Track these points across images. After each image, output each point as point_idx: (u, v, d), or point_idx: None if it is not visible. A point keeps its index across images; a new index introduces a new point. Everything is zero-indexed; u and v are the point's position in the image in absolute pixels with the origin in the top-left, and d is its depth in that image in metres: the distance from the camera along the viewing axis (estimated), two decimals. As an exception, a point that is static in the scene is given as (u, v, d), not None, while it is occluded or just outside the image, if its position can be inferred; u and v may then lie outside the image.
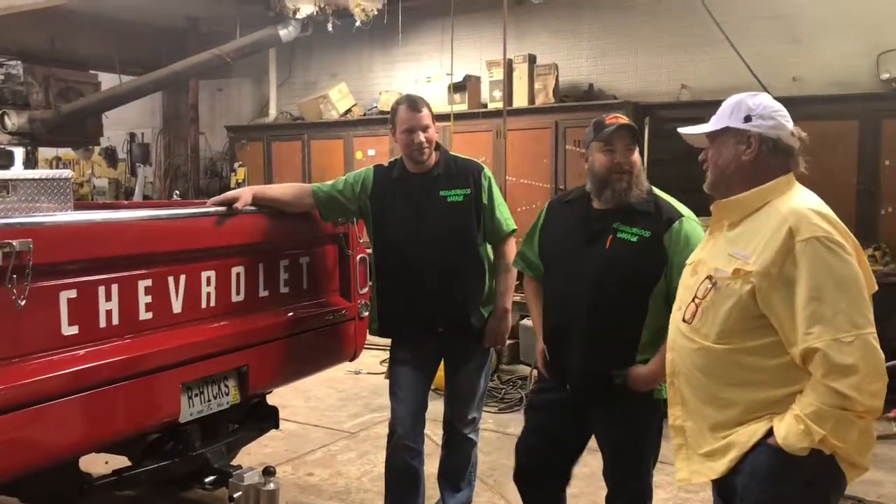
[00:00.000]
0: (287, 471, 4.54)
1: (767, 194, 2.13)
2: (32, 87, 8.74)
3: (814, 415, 1.92)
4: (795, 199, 2.09)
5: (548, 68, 7.72)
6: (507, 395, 6.04)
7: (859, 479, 4.55)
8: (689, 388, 2.20)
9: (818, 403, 1.92)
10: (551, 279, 2.98)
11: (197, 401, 3.13)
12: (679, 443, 2.24)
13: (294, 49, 9.63)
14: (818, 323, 1.91)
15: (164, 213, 3.23)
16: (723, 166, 2.21)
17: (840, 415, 1.91)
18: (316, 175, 8.76)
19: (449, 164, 3.45)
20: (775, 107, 2.18)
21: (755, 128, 2.14)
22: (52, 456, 2.63)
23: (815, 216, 2.01)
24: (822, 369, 1.91)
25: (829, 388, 1.90)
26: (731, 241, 2.16)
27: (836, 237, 1.98)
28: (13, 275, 2.40)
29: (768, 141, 2.14)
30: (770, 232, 2.03)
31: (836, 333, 1.90)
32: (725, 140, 2.20)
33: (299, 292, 3.62)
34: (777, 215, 2.06)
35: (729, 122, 2.18)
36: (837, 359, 1.89)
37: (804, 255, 1.96)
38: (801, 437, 1.94)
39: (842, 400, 1.89)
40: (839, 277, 1.94)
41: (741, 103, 2.18)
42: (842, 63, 6.86)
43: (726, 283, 2.09)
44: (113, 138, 10.62)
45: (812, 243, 1.96)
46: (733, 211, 2.19)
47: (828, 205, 2.11)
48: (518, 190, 7.42)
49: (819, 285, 1.93)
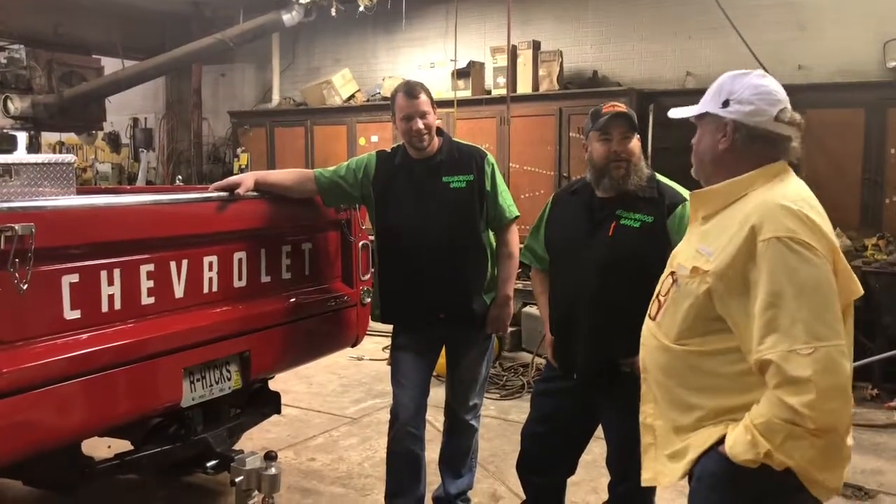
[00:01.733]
0: (289, 456, 4.55)
1: (744, 186, 1.96)
2: (35, 72, 8.73)
3: (763, 426, 1.76)
4: (770, 192, 1.90)
5: (552, 55, 7.68)
6: (508, 382, 6.05)
7: (860, 469, 4.55)
8: (656, 387, 2.08)
9: (769, 415, 1.75)
10: (557, 269, 2.98)
11: (199, 385, 3.13)
12: (648, 442, 2.12)
13: (297, 34, 9.59)
14: (774, 332, 1.75)
15: (167, 199, 3.23)
16: (701, 154, 2.07)
17: (791, 430, 1.73)
18: (319, 161, 8.74)
19: (452, 150, 3.44)
20: (761, 89, 1.97)
21: (731, 114, 1.97)
22: (55, 439, 2.64)
23: (783, 213, 1.81)
24: (774, 381, 1.74)
25: (780, 402, 1.73)
26: (701, 235, 2.01)
27: (801, 237, 1.78)
28: (15, 259, 2.40)
29: (742, 128, 1.96)
30: (735, 229, 1.87)
31: (793, 344, 1.72)
32: (706, 126, 2.05)
33: (301, 278, 3.62)
34: (745, 211, 1.88)
35: (709, 106, 2.03)
36: (791, 372, 1.71)
37: (764, 257, 1.78)
38: (747, 448, 1.79)
39: (793, 415, 1.72)
40: (801, 283, 1.75)
41: (722, 86, 2.01)
42: (848, 51, 6.82)
43: (685, 281, 1.96)
44: (116, 123, 10.62)
45: (773, 244, 1.78)
46: (707, 203, 2.04)
47: (833, 194, 1.94)
48: (521, 177, 7.40)
49: (778, 291, 1.75)
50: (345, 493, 4.11)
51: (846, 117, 6.55)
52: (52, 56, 8.84)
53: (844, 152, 6.51)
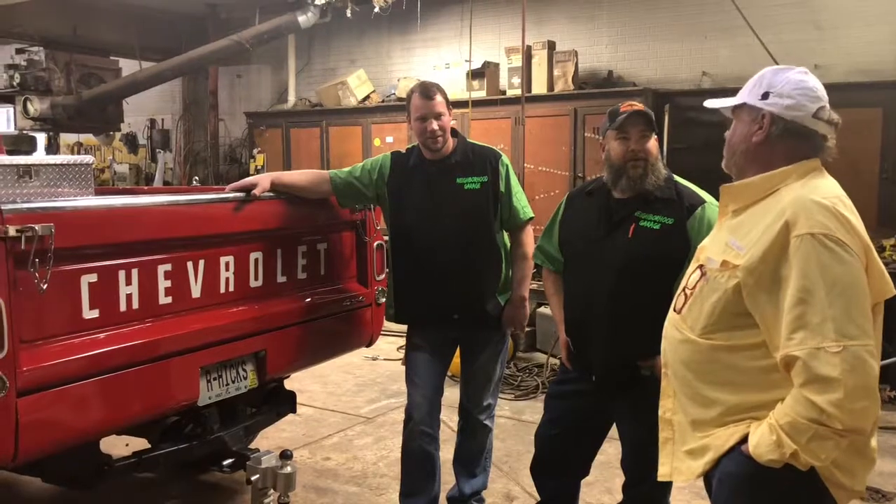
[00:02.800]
0: (304, 455, 4.58)
1: (777, 181, 1.94)
2: (54, 73, 8.82)
3: (789, 426, 1.74)
4: (804, 188, 1.88)
5: (567, 55, 7.67)
6: (523, 383, 6.04)
7: (878, 471, 4.51)
8: (677, 381, 2.06)
9: (794, 415, 1.74)
10: (573, 270, 2.96)
11: (215, 384, 3.16)
12: (666, 437, 2.10)
13: (313, 35, 9.63)
14: (802, 328, 1.73)
15: (184, 199, 3.25)
16: (734, 145, 2.04)
17: (817, 430, 1.71)
18: (334, 162, 8.78)
19: (466, 151, 3.44)
20: (803, 85, 1.95)
21: (770, 106, 1.95)
22: (74, 437, 2.67)
23: (818, 209, 1.80)
24: (801, 378, 1.73)
25: (807, 400, 1.71)
26: (731, 229, 1.99)
27: (836, 234, 1.77)
28: (35, 259, 2.43)
29: (779, 122, 1.94)
30: (768, 223, 1.85)
31: (822, 342, 1.70)
32: (742, 117, 2.03)
33: (316, 278, 3.64)
34: (778, 206, 1.86)
35: (748, 97, 2.00)
36: (818, 370, 1.70)
37: (798, 253, 1.77)
38: (772, 448, 1.77)
39: (819, 415, 1.70)
40: (833, 280, 1.74)
41: (763, 78, 2.00)
42: (865, 50, 6.76)
43: (714, 274, 1.94)
44: (133, 124, 10.70)
45: (807, 240, 1.76)
46: (738, 196, 2.02)
47: (850, 194, 1.92)
48: (536, 177, 7.40)
49: (809, 287, 1.74)
50: (359, 493, 4.12)
51: (863, 117, 6.49)
52: (71, 58, 8.93)
53: (862, 152, 6.45)
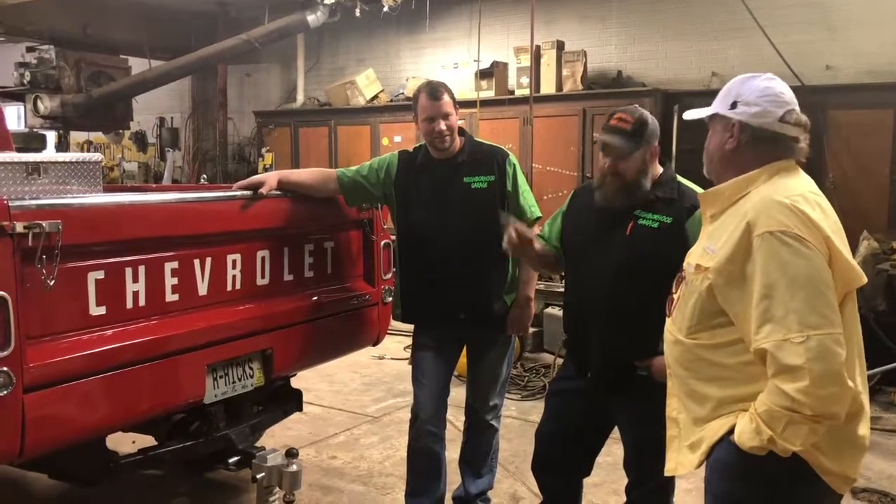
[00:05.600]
0: (310, 453, 4.58)
1: (746, 185, 2.04)
2: (64, 72, 8.86)
3: (766, 413, 1.84)
4: (769, 189, 1.98)
5: (576, 55, 7.65)
6: (529, 383, 6.03)
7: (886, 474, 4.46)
8: (676, 381, 2.18)
9: (770, 404, 1.84)
10: (572, 267, 2.97)
11: (222, 382, 3.16)
12: (673, 434, 2.21)
13: (322, 35, 9.64)
14: (768, 322, 1.83)
15: (191, 197, 3.25)
16: (711, 153, 2.16)
17: (790, 416, 1.80)
18: (342, 161, 8.79)
19: (474, 150, 3.44)
20: (768, 91, 2.05)
21: (738, 115, 2.06)
22: (80, 433, 2.68)
23: (777, 208, 1.89)
24: (772, 369, 1.83)
25: (778, 390, 1.81)
26: (708, 234, 2.10)
27: (793, 230, 1.86)
28: (43, 255, 2.43)
29: (748, 129, 2.04)
30: (734, 226, 1.96)
31: (786, 334, 1.80)
32: (715, 126, 2.14)
33: (323, 277, 3.64)
34: (743, 208, 1.97)
35: (719, 108, 2.12)
36: (785, 360, 1.80)
37: (759, 251, 1.88)
38: (752, 435, 1.87)
39: (790, 402, 1.79)
40: (793, 274, 1.83)
41: (731, 89, 2.11)
42: (876, 51, 6.72)
43: (691, 278, 2.07)
44: (143, 123, 10.74)
45: (766, 238, 1.87)
46: (713, 202, 2.13)
47: (860, 196, 1.94)
48: (544, 177, 7.39)
49: (771, 283, 1.84)
50: (365, 492, 4.12)
51: (874, 118, 6.46)
52: (81, 56, 8.96)
53: (872, 154, 6.41)
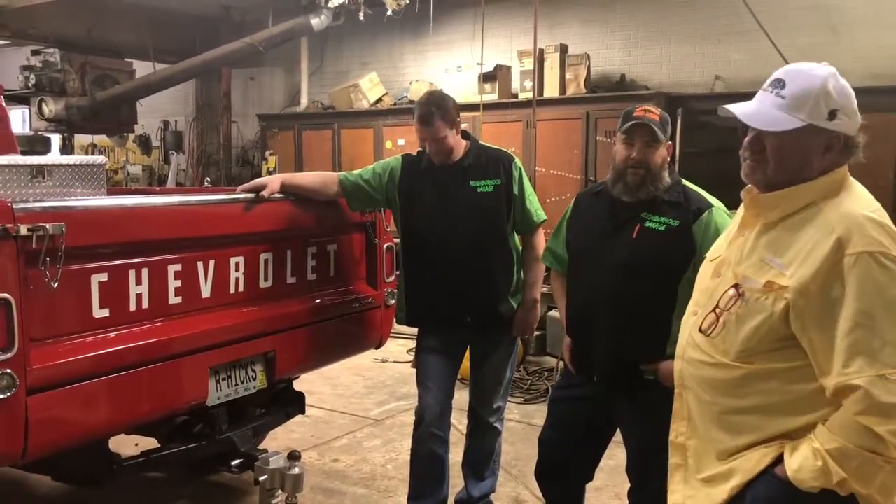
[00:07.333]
0: (313, 456, 4.58)
1: (815, 193, 1.80)
2: (69, 75, 8.88)
3: (837, 452, 1.65)
4: (848, 203, 1.78)
5: (579, 58, 7.65)
6: (533, 386, 6.03)
7: None
8: (697, 405, 1.95)
9: (844, 441, 1.65)
10: (577, 270, 2.95)
11: (224, 385, 3.17)
12: (676, 463, 2.01)
13: (326, 38, 9.65)
14: (861, 355, 1.63)
15: (194, 200, 3.26)
16: (795, 169, 1.83)
17: (867, 458, 1.63)
18: (346, 164, 8.79)
19: (479, 154, 3.44)
20: (853, 96, 1.85)
21: (840, 127, 1.80)
22: (83, 435, 2.68)
23: (871, 226, 1.70)
24: (859, 406, 1.64)
25: (863, 428, 1.63)
26: (766, 244, 1.84)
27: (891, 252, 1.67)
28: (46, 258, 2.44)
29: (848, 140, 1.83)
30: (814, 240, 1.73)
31: (882, 369, 1.61)
32: (799, 136, 1.81)
33: (326, 279, 3.65)
34: (824, 221, 1.75)
35: (811, 118, 1.80)
36: (881, 398, 1.61)
37: (853, 273, 1.66)
38: (817, 474, 1.68)
39: (876, 443, 1.62)
40: (892, 301, 1.64)
41: (826, 94, 1.80)
42: (881, 54, 6.71)
43: (756, 296, 1.79)
44: (147, 126, 10.75)
45: (864, 259, 1.66)
46: (774, 208, 1.85)
47: None
48: (548, 181, 7.38)
49: (867, 310, 1.64)
50: (368, 495, 4.12)
51: (879, 122, 6.31)
52: (86, 59, 8.98)
53: (876, 158, 6.25)
